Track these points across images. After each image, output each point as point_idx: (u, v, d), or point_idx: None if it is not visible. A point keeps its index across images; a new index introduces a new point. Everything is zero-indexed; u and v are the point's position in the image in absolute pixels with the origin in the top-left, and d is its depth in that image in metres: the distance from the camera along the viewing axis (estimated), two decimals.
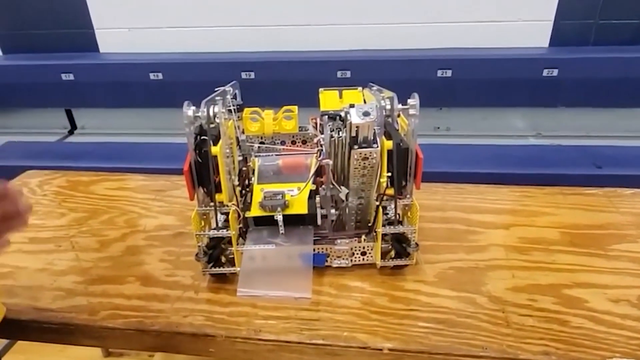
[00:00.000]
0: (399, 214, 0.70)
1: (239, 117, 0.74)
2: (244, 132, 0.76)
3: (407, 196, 0.69)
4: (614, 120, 1.92)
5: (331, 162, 0.64)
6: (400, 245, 0.69)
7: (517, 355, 0.57)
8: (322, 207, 0.67)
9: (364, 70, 1.84)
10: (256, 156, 0.78)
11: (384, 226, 0.68)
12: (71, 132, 2.25)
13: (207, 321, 0.64)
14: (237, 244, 0.69)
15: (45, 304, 0.68)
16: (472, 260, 0.75)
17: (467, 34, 1.85)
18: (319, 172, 0.68)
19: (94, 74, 2.01)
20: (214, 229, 0.68)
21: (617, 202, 0.89)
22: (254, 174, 0.75)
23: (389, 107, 0.65)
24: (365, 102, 0.70)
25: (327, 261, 0.72)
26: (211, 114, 0.64)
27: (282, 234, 0.68)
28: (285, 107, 0.76)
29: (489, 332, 0.60)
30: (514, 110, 1.97)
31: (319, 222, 0.68)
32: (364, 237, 0.71)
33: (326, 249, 0.71)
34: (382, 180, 0.64)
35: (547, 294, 0.67)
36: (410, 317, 0.63)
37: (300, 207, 0.68)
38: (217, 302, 0.67)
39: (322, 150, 0.64)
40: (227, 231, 0.67)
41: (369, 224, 0.70)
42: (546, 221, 0.84)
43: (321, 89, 0.75)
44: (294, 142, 0.79)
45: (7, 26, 2.10)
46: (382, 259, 0.70)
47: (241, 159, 0.76)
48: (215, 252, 0.69)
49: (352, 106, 0.58)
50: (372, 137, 0.60)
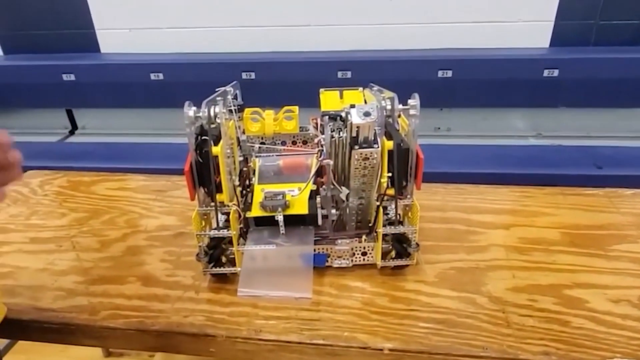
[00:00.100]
0: (399, 214, 0.70)
1: (239, 117, 0.74)
2: (244, 133, 0.76)
3: (408, 196, 0.69)
4: (614, 120, 1.92)
5: (332, 162, 0.64)
6: (400, 245, 0.69)
7: (518, 355, 0.57)
8: (322, 208, 0.67)
9: (364, 70, 1.84)
10: (257, 156, 0.78)
11: (384, 226, 0.68)
12: (72, 132, 2.25)
13: (208, 321, 0.64)
14: (238, 244, 0.69)
15: (46, 303, 0.68)
16: (473, 260, 0.75)
17: (468, 34, 1.85)
18: (320, 172, 0.68)
19: (94, 74, 2.01)
20: (215, 229, 0.68)
21: (617, 203, 0.89)
22: (254, 174, 0.75)
23: (389, 107, 0.65)
24: (365, 102, 0.70)
25: (327, 261, 0.72)
26: (212, 114, 0.64)
27: (282, 234, 0.69)
28: (285, 108, 0.76)
29: (489, 333, 0.60)
30: (514, 110, 1.97)
31: (320, 222, 0.68)
32: (364, 237, 0.71)
33: (327, 249, 0.71)
34: (382, 180, 0.64)
35: (548, 294, 0.67)
36: (410, 318, 0.63)
37: (300, 207, 0.68)
38: (218, 302, 0.67)
39: (322, 150, 0.64)
40: (228, 231, 0.67)
41: (370, 224, 0.70)
42: (546, 221, 0.84)
43: (322, 89, 0.75)
44: (294, 143, 0.79)
45: (8, 26, 2.10)
46: (382, 259, 0.70)
47: (242, 159, 0.76)
48: (215, 252, 0.69)
49: (352, 106, 0.58)
50: (373, 138, 0.60)
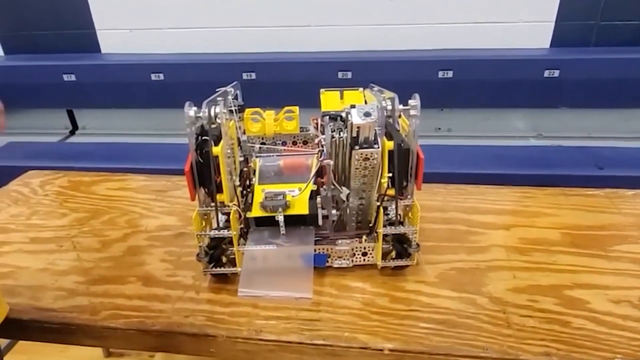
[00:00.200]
0: (399, 215, 0.70)
1: (240, 117, 0.74)
2: (245, 133, 0.76)
3: (408, 197, 0.69)
4: (615, 121, 1.91)
5: (332, 162, 0.64)
6: (401, 245, 0.69)
7: (518, 356, 0.57)
8: (323, 208, 0.67)
9: (365, 70, 1.84)
10: (257, 156, 0.78)
11: (384, 227, 0.68)
12: (72, 133, 2.25)
13: (208, 321, 0.64)
14: (238, 244, 0.69)
15: (46, 303, 0.68)
16: (473, 261, 0.75)
17: (468, 34, 1.85)
18: (320, 172, 0.68)
19: (95, 75, 2.01)
20: (215, 229, 0.68)
21: (618, 203, 0.89)
22: (255, 174, 0.75)
23: (390, 107, 0.65)
24: (366, 102, 0.70)
25: (328, 261, 0.72)
26: (212, 114, 0.64)
27: (283, 234, 0.69)
28: (286, 108, 0.76)
29: (489, 333, 0.60)
30: (515, 111, 1.97)
31: (320, 222, 0.68)
32: (365, 237, 0.71)
33: (327, 250, 0.71)
34: (383, 180, 0.64)
35: (548, 294, 0.67)
36: (411, 318, 0.63)
37: (301, 207, 0.68)
38: (218, 302, 0.67)
39: (323, 150, 0.64)
40: (228, 231, 0.67)
41: (370, 225, 0.70)
42: (547, 222, 0.84)
43: (322, 90, 0.75)
44: (295, 143, 0.79)
45: (9, 27, 2.10)
46: (383, 259, 0.70)
47: (242, 159, 0.76)
48: (216, 253, 0.69)
49: (353, 107, 0.58)
50: (373, 138, 0.60)
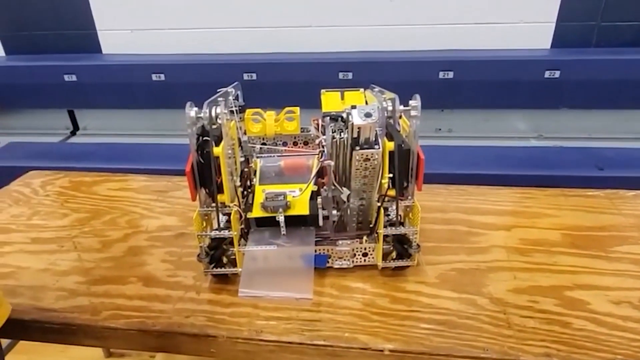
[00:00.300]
0: (400, 215, 0.70)
1: (241, 118, 0.74)
2: (245, 133, 0.76)
3: (409, 197, 0.69)
4: (615, 121, 1.91)
5: (333, 163, 0.64)
6: (401, 246, 0.69)
7: (519, 356, 0.57)
8: (323, 208, 0.67)
9: (365, 71, 1.84)
10: (258, 157, 0.78)
11: (385, 227, 0.68)
12: (73, 133, 2.26)
13: (209, 322, 0.64)
14: (239, 245, 0.69)
15: (47, 304, 0.68)
16: (474, 261, 0.75)
17: (469, 35, 1.85)
18: (321, 173, 0.68)
19: (96, 75, 2.01)
20: (216, 230, 0.68)
21: (619, 204, 0.89)
22: (255, 174, 0.75)
23: (390, 108, 0.65)
24: (367, 103, 0.70)
25: (328, 262, 0.72)
26: (213, 115, 0.64)
27: (283, 234, 0.69)
28: (287, 108, 0.76)
29: (490, 334, 0.60)
30: (515, 111, 1.97)
31: (321, 223, 0.68)
32: (365, 238, 0.71)
33: (327, 250, 0.71)
34: (383, 181, 0.64)
35: (549, 295, 0.67)
36: (411, 319, 0.63)
37: (301, 208, 0.68)
38: (219, 303, 0.67)
39: (323, 151, 0.64)
40: (229, 232, 0.67)
41: (371, 225, 0.70)
42: (548, 223, 0.84)
43: (323, 90, 0.75)
44: (295, 143, 0.79)
45: (10, 27, 2.10)
46: (383, 260, 0.70)
47: (243, 159, 0.76)
48: (216, 253, 0.69)
49: (353, 107, 0.58)
50: (374, 139, 0.60)
